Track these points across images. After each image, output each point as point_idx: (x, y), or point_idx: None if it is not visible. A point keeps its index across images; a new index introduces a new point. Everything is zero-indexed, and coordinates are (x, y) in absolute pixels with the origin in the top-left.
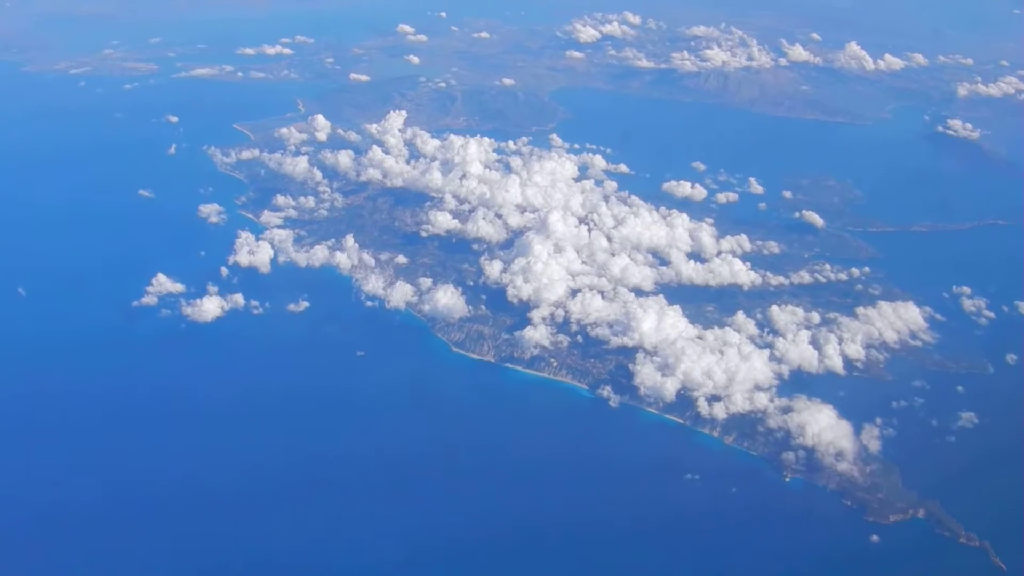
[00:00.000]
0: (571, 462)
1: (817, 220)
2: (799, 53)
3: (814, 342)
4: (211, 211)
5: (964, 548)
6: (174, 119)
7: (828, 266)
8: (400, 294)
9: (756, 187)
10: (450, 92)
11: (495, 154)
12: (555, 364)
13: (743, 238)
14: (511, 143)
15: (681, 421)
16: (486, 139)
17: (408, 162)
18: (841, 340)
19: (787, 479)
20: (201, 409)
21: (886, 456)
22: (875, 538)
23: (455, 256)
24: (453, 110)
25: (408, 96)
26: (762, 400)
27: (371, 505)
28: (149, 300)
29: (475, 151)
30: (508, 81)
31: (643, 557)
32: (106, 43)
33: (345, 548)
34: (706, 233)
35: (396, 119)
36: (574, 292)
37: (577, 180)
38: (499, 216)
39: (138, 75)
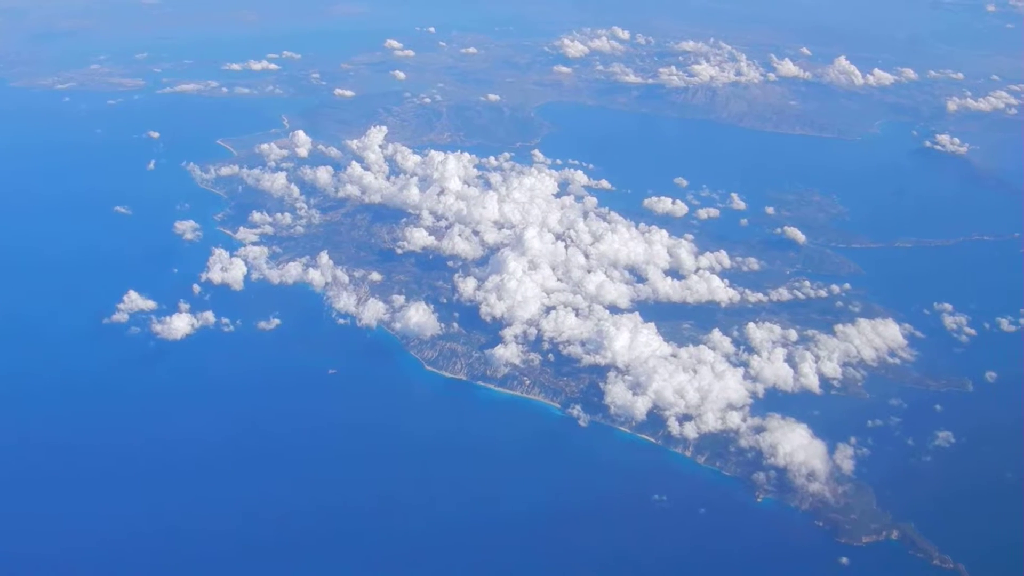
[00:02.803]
0: (533, 485)
1: (799, 236)
2: (788, 68)
3: (790, 360)
4: (187, 228)
5: (938, 570)
6: (155, 135)
7: (808, 283)
8: (372, 312)
9: (738, 203)
10: (435, 108)
11: (476, 170)
12: (527, 382)
13: (722, 254)
14: (492, 159)
15: (653, 440)
16: (466, 155)
17: (388, 178)
18: (818, 358)
19: (759, 500)
20: (162, 440)
21: (860, 476)
22: (844, 560)
23: (431, 273)
24: (438, 126)
25: (393, 112)
26: (735, 419)
27: (342, 538)
28: (120, 317)
29: (454, 167)
30: (494, 96)
31: None
32: (93, 58)
33: None
34: (685, 249)
35: (376, 135)
36: (548, 309)
37: (557, 196)
38: (476, 233)
39: (123, 90)
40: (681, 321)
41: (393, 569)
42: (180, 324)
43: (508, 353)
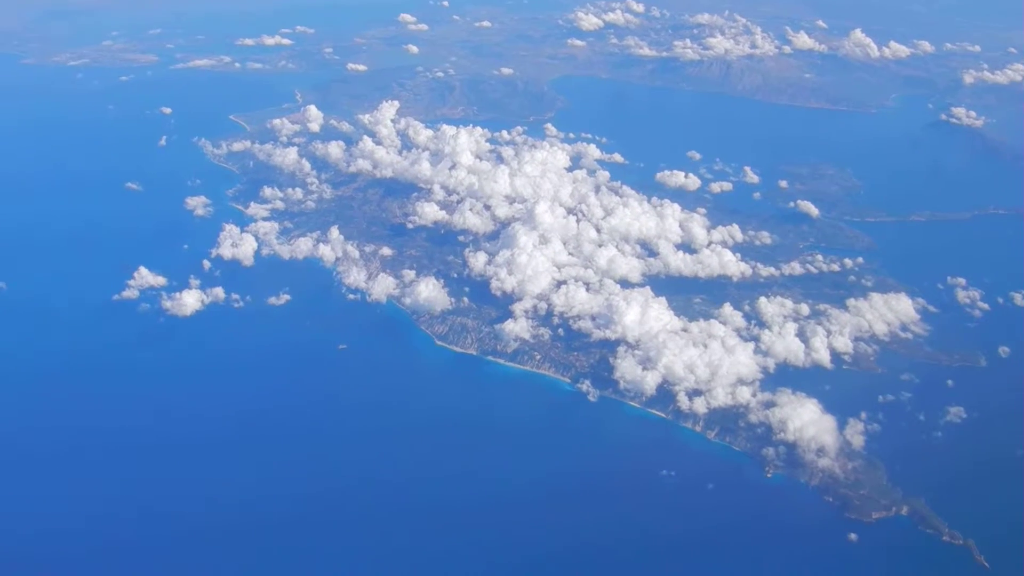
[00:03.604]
0: (541, 460)
1: (812, 210)
2: (804, 41)
3: (801, 335)
4: (197, 204)
5: (947, 546)
6: (167, 111)
7: (820, 257)
8: (382, 287)
9: (752, 176)
10: (448, 82)
11: (488, 144)
12: (538, 357)
13: (735, 228)
14: (505, 133)
15: (664, 415)
16: (478, 129)
17: (401, 153)
18: (829, 333)
19: (769, 475)
20: (169, 416)
21: (870, 452)
22: (853, 536)
23: (442, 248)
24: (451, 99)
25: (406, 86)
26: (744, 394)
27: (353, 512)
28: (130, 294)
29: (465, 141)
30: (507, 70)
31: (606, 559)
32: (106, 35)
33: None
34: (697, 224)
35: (388, 109)
36: (559, 284)
37: (570, 170)
38: (487, 207)
39: (136, 66)
40: (692, 295)
41: (404, 541)
42: (190, 300)
43: (518, 328)
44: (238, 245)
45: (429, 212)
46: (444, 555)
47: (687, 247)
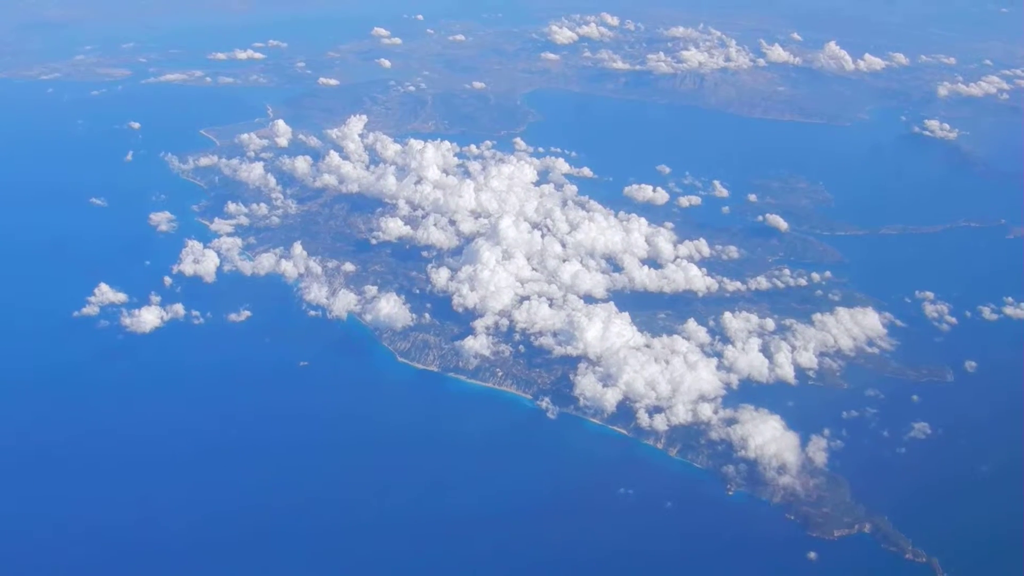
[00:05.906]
0: (496, 479)
1: (781, 224)
2: (778, 53)
3: (765, 350)
4: (161, 219)
5: (910, 564)
6: (136, 125)
7: (788, 271)
8: (343, 303)
9: (721, 190)
10: (420, 96)
11: (457, 159)
12: (500, 374)
13: (702, 243)
14: (474, 147)
15: (625, 432)
16: (446, 143)
17: (369, 167)
18: (794, 348)
19: (730, 493)
20: (121, 435)
21: (833, 469)
22: (812, 555)
23: (406, 263)
24: (422, 114)
25: (378, 100)
26: (706, 411)
27: (312, 529)
28: (90, 310)
29: (432, 156)
30: (479, 84)
31: None
32: (79, 49)
33: None
34: (664, 238)
35: (356, 124)
36: (523, 300)
37: (537, 184)
38: (452, 222)
39: (108, 81)
40: (657, 311)
41: (362, 558)
42: (149, 317)
43: (478, 345)
44: (200, 261)
45: (393, 227)
46: (401, 572)
47: (653, 262)
